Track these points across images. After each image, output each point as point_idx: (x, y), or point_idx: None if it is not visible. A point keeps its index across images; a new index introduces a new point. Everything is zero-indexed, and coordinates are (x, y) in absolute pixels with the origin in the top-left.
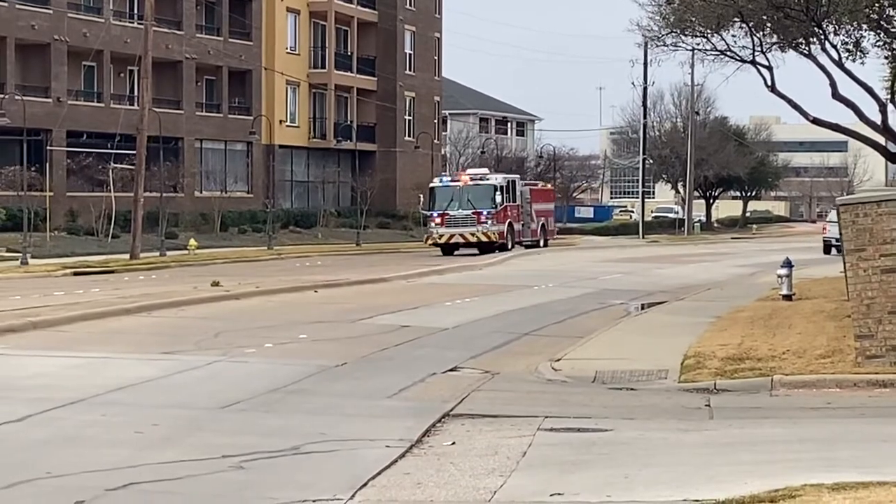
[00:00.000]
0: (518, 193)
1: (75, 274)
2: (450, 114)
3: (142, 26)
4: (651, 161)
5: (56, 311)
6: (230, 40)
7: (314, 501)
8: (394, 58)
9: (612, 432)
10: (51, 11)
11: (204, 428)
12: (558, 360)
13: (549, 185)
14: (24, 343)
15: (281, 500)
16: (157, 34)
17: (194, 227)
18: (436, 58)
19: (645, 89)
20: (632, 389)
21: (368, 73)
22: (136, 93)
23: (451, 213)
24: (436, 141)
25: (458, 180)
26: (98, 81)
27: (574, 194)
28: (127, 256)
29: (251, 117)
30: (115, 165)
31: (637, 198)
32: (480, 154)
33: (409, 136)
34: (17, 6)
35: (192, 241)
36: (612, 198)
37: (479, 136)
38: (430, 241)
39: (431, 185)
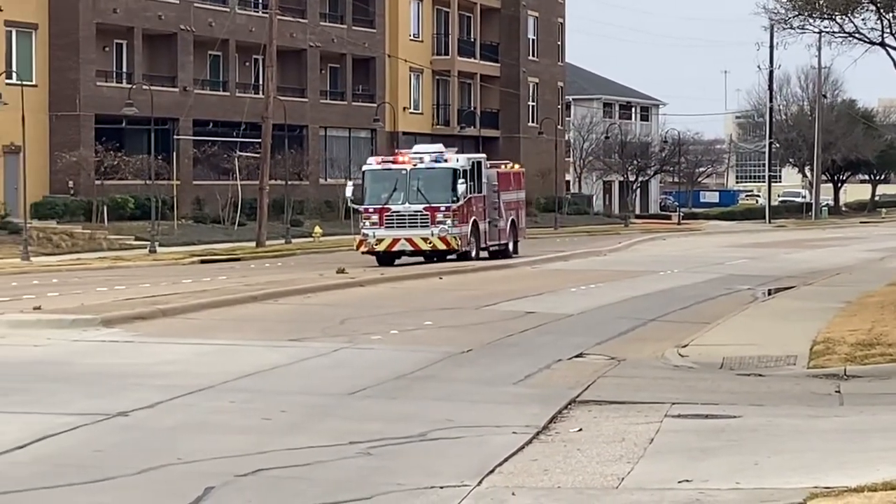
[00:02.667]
0: (485, 180)
1: (202, 262)
2: (573, 99)
3: (266, 15)
4: (777, 145)
5: (184, 299)
6: (354, 28)
7: (441, 487)
8: (517, 43)
9: (741, 419)
10: (177, 2)
11: (331, 414)
12: (685, 345)
13: (516, 166)
14: (154, 330)
15: (408, 486)
16: (282, 23)
17: (319, 214)
18: (559, 43)
19: (771, 72)
20: (760, 375)
21: (492, 59)
22: (261, 81)
23: (394, 207)
24: (559, 127)
25: (403, 161)
26: (223, 70)
27: (699, 179)
28: (253, 244)
29: (375, 105)
30: (241, 154)
31: (763, 182)
32: (604, 139)
33: (533, 121)
34: None
35: (317, 229)
36: (737, 182)
37: (602, 121)
38: (362, 248)
39: (365, 167)
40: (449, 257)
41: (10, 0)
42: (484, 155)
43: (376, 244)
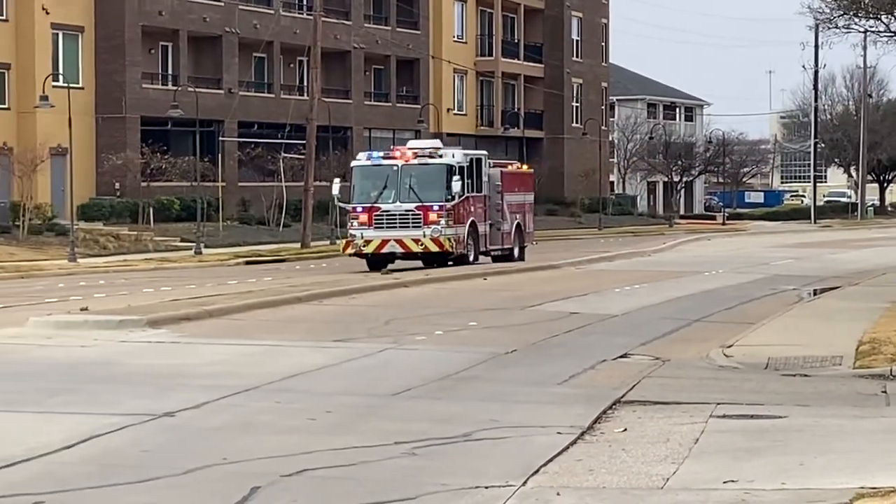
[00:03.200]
0: (485, 179)
1: (247, 263)
2: (617, 100)
3: (311, 17)
4: (822, 145)
5: (230, 300)
6: (398, 30)
7: (486, 487)
8: (561, 44)
9: (786, 419)
10: (222, 4)
11: (376, 414)
12: (730, 346)
13: (525, 167)
14: (200, 331)
15: (453, 486)
16: (326, 25)
17: None
18: (603, 44)
19: (816, 72)
20: (805, 376)
21: (535, 60)
22: (305, 83)
23: (384, 206)
24: (603, 127)
25: (394, 157)
26: (268, 72)
27: (744, 179)
28: (297, 245)
29: (419, 106)
30: (286, 155)
31: (808, 182)
32: (649, 140)
33: (577, 122)
34: (189, 0)
35: None
36: (782, 182)
37: (647, 121)
38: (349, 250)
39: (354, 163)
40: (443, 264)
41: (56, 3)
42: (485, 152)
43: (364, 246)
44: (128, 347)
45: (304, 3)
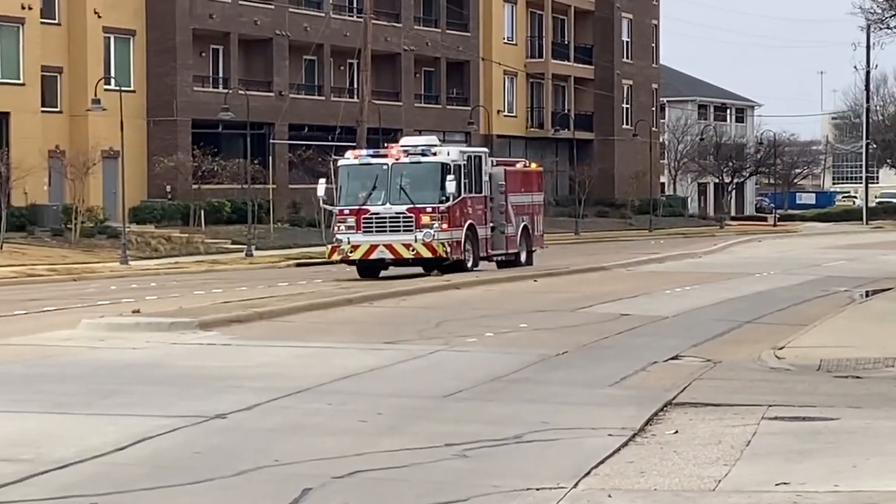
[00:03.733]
0: (485, 178)
1: (298, 265)
2: (668, 101)
3: (361, 20)
4: (874, 145)
5: (280, 302)
6: (448, 32)
7: (538, 489)
8: (611, 46)
9: (839, 421)
10: (272, 7)
11: (427, 416)
12: (781, 347)
13: (533, 165)
14: (251, 333)
15: (504, 488)
16: (376, 27)
17: None
18: (653, 45)
19: (868, 73)
20: (858, 377)
21: (585, 61)
22: (355, 85)
23: (373, 209)
24: (654, 129)
25: (384, 155)
26: (318, 75)
27: (795, 180)
28: None
29: (469, 108)
30: (336, 157)
31: (860, 183)
32: (699, 141)
33: (627, 124)
34: (241, 2)
35: None
36: (834, 184)
37: (697, 123)
38: (334, 256)
39: (340, 161)
40: (444, 270)
41: (108, 7)
42: (485, 149)
43: (351, 252)
44: (179, 349)
45: (355, 5)
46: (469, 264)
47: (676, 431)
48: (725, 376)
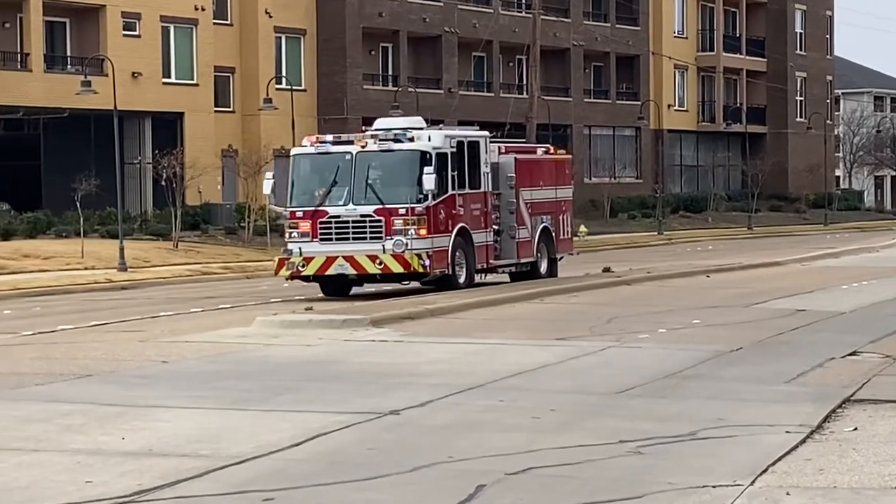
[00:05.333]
0: (485, 170)
1: None
2: (842, 93)
3: (530, 15)
4: None
5: (451, 299)
6: (617, 26)
7: (714, 486)
8: (784, 38)
9: None
10: (441, 4)
11: (600, 413)
12: None
13: (559, 152)
14: (422, 330)
15: (679, 485)
16: (545, 23)
17: (584, 213)
18: (827, 36)
19: None
20: None
21: (758, 54)
22: (524, 81)
23: (332, 211)
24: (828, 121)
25: (348, 142)
26: (487, 71)
27: None
28: None
29: (639, 102)
30: None
31: None
32: (876, 133)
33: (801, 117)
34: (409, 0)
35: (583, 228)
36: None
37: (874, 115)
38: (282, 271)
39: (294, 150)
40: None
41: (278, 7)
42: (486, 133)
43: (302, 266)
44: (352, 346)
45: (523, 1)
46: (461, 279)
47: (855, 428)
48: None
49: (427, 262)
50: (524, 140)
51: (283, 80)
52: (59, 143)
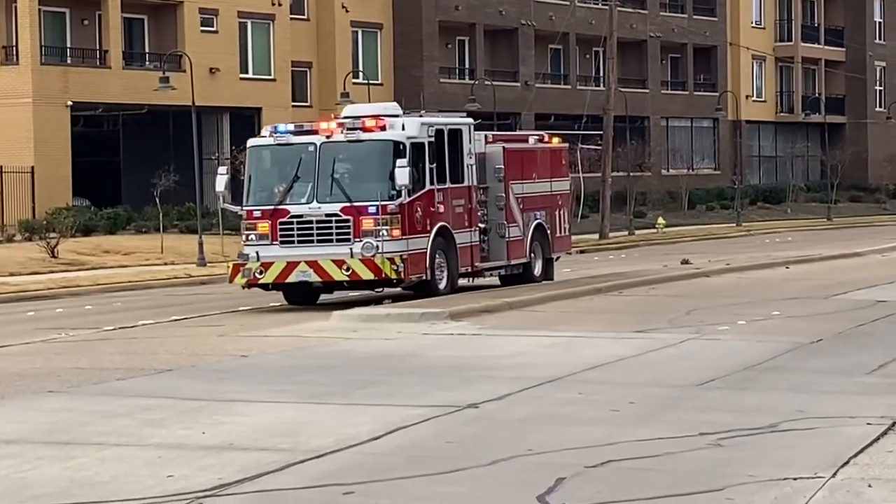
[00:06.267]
0: (469, 161)
1: None
2: None
3: (606, 7)
4: None
5: (530, 292)
6: (694, 17)
7: (794, 479)
8: (863, 27)
9: None
10: None
11: (679, 406)
12: None
13: (554, 140)
14: (500, 323)
15: (761, 477)
16: (622, 14)
17: (661, 205)
18: None
19: None
20: None
21: (836, 43)
22: (601, 73)
23: (294, 209)
24: None
25: (312, 131)
26: (564, 63)
27: None
28: (596, 236)
29: (716, 93)
30: (582, 146)
31: None
32: None
33: (881, 106)
34: None
35: (661, 220)
36: None
37: None
38: (237, 279)
39: (251, 141)
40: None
41: (355, 1)
42: (470, 119)
43: (260, 273)
44: (430, 340)
45: None
46: (441, 285)
47: None
48: None
49: (401, 267)
50: (601, 132)
51: (360, 74)
52: (138, 139)
